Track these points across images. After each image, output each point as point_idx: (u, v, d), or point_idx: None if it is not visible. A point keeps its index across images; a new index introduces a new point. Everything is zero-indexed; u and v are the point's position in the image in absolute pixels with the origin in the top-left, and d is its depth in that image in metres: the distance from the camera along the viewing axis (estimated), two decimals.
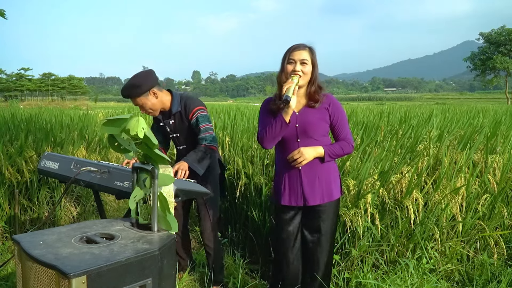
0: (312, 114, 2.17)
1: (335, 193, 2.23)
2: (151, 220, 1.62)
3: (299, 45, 2.16)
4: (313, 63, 2.16)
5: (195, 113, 2.60)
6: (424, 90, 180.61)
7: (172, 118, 2.67)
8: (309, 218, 2.23)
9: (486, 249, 2.96)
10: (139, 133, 1.43)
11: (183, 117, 2.65)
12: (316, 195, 2.18)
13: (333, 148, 2.16)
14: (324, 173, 2.19)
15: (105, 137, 5.22)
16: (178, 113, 2.65)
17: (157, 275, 1.43)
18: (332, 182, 2.22)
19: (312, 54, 2.16)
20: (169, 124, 2.70)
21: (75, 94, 63.56)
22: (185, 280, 2.81)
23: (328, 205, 2.20)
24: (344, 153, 2.21)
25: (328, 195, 2.19)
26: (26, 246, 1.39)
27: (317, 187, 2.18)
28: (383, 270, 2.77)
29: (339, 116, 2.21)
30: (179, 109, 2.64)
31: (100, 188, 2.25)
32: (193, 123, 2.61)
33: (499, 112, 9.85)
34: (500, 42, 44.36)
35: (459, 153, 3.61)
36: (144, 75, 2.53)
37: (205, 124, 2.59)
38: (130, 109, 16.00)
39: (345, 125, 2.23)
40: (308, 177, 2.17)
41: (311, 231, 2.24)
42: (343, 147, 2.18)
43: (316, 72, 2.17)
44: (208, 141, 2.55)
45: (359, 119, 6.85)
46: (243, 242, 3.54)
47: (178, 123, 2.68)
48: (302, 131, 2.15)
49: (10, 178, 3.60)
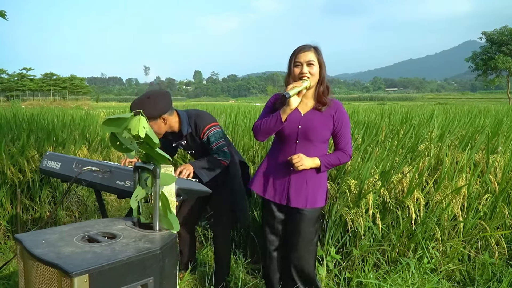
0: (317, 118, 2.16)
1: (320, 201, 2.22)
2: (152, 219, 1.62)
3: (304, 47, 2.14)
4: (320, 63, 2.15)
5: (205, 132, 2.55)
6: (425, 90, 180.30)
7: (184, 139, 2.62)
8: (291, 219, 2.25)
9: (487, 249, 2.96)
10: (140, 132, 1.44)
11: (195, 136, 2.59)
12: (300, 198, 2.18)
13: (330, 159, 2.18)
14: (314, 180, 2.19)
15: (106, 137, 5.23)
16: (189, 134, 2.59)
17: (158, 274, 1.44)
18: (319, 190, 2.22)
19: (318, 54, 2.15)
20: (182, 145, 2.67)
21: (77, 94, 63.61)
22: (187, 279, 2.82)
23: (310, 211, 2.20)
24: (340, 163, 2.23)
25: (312, 201, 2.19)
26: (28, 245, 1.39)
27: (303, 191, 2.18)
28: (384, 270, 2.77)
29: (343, 124, 2.20)
30: (189, 130, 2.57)
31: (101, 187, 2.26)
32: (205, 141, 2.57)
33: (501, 112, 9.83)
34: (502, 42, 44.27)
35: (461, 153, 3.60)
36: (160, 99, 2.39)
37: (216, 142, 2.55)
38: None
39: (347, 135, 2.22)
40: (297, 180, 2.18)
41: (291, 232, 2.25)
42: (340, 158, 2.20)
43: (323, 72, 2.16)
44: (220, 156, 2.54)
45: (360, 119, 6.85)
46: (244, 242, 3.54)
47: (191, 142, 2.64)
48: (303, 133, 2.15)
49: (12, 178, 3.61)
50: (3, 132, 4.28)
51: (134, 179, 1.69)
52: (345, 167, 3.16)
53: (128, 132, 1.48)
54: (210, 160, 2.52)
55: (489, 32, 45.62)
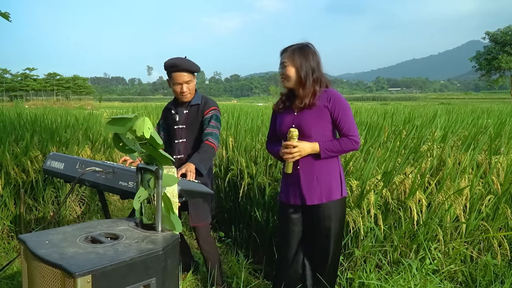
0: (309, 114, 2.11)
1: (336, 193, 2.13)
2: (155, 220, 1.63)
3: (285, 47, 2.15)
4: (296, 66, 2.09)
5: (212, 110, 2.69)
6: (428, 90, 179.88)
7: (188, 109, 2.73)
8: (310, 218, 2.19)
9: (489, 250, 2.96)
10: (145, 133, 1.44)
11: (199, 111, 2.71)
12: (314, 194, 2.11)
13: (331, 144, 2.08)
14: (324, 173, 2.12)
15: (109, 137, 5.25)
16: (195, 106, 2.72)
17: (161, 274, 1.44)
18: (332, 182, 2.13)
19: (294, 55, 2.09)
20: (181, 114, 2.74)
21: (80, 94, 63.79)
22: (189, 280, 2.83)
23: (329, 205, 2.11)
24: (344, 150, 2.10)
25: (327, 195, 2.11)
26: (31, 246, 1.40)
27: (315, 187, 2.11)
28: (386, 271, 2.77)
29: (340, 110, 2.09)
30: (199, 102, 2.73)
31: (104, 188, 2.27)
32: (207, 118, 2.67)
33: (504, 112, 9.81)
34: (505, 42, 44.14)
35: (463, 154, 3.60)
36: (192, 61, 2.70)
37: (216, 123, 2.68)
38: (134, 109, 16.07)
39: (348, 120, 2.10)
40: (306, 176, 2.12)
41: (312, 231, 2.20)
42: (343, 144, 2.08)
43: (301, 74, 2.08)
44: (212, 137, 2.60)
45: (363, 119, 6.84)
46: (246, 242, 3.55)
47: (191, 115, 2.72)
48: (299, 130, 2.11)
49: (15, 178, 3.63)
50: (6, 132, 4.30)
51: (137, 180, 1.70)
52: (347, 167, 3.16)
53: (132, 132, 1.49)
54: (203, 151, 2.54)
55: (492, 32, 45.50)
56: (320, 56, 2.16)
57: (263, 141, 4.27)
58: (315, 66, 2.11)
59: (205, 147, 2.55)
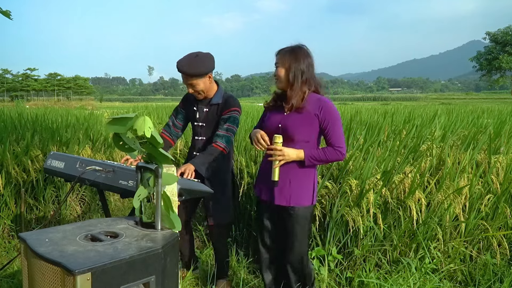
0: (297, 118, 2.13)
1: (305, 199, 2.16)
2: (154, 218, 1.64)
3: (279, 49, 2.16)
4: (285, 67, 2.11)
5: (231, 111, 2.61)
6: (429, 90, 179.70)
7: (208, 107, 2.66)
8: (279, 217, 2.25)
9: (489, 249, 2.96)
10: (146, 132, 1.45)
11: (219, 111, 2.64)
12: (283, 196, 2.16)
13: (315, 153, 2.10)
14: (298, 179, 2.15)
15: (110, 137, 5.26)
16: (216, 105, 2.65)
17: (160, 272, 1.45)
18: (304, 189, 2.16)
19: (284, 57, 2.11)
20: (202, 111, 2.68)
21: (81, 94, 63.87)
22: (189, 278, 2.83)
23: (298, 209, 2.16)
24: (328, 159, 2.12)
25: (296, 199, 2.15)
26: (32, 244, 1.41)
27: (286, 190, 2.16)
28: (386, 270, 2.78)
29: (330, 121, 2.11)
30: (219, 102, 2.65)
31: (105, 187, 2.28)
32: (223, 118, 2.60)
33: (504, 112, 9.81)
34: (506, 42, 44.14)
35: (463, 153, 3.60)
36: (207, 57, 2.55)
37: (232, 125, 2.59)
38: (135, 109, 16.07)
39: (336, 131, 2.12)
40: (281, 177, 2.14)
41: (280, 230, 2.26)
42: (328, 154, 2.10)
43: (291, 75, 2.10)
44: (223, 140, 2.54)
45: (363, 119, 6.85)
46: (246, 241, 3.55)
47: (211, 114, 2.67)
48: (283, 132, 2.13)
49: (16, 177, 3.64)
50: (7, 132, 4.31)
51: (137, 178, 1.71)
52: (347, 167, 3.16)
53: (132, 132, 1.50)
54: (209, 153, 2.51)
55: (493, 32, 45.49)
56: (313, 58, 2.17)
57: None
58: (305, 68, 2.12)
59: (210, 150, 2.52)
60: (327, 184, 3.01)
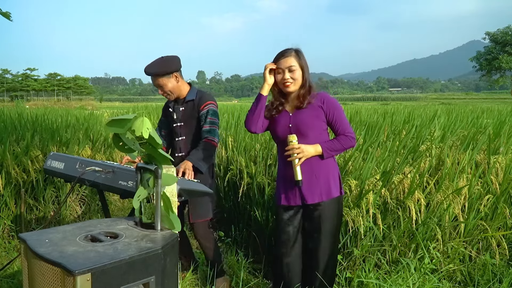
0: (305, 113, 2.17)
1: (334, 191, 2.20)
2: (154, 219, 1.64)
3: (284, 52, 2.16)
4: (302, 67, 2.15)
5: (208, 105, 2.67)
6: (429, 90, 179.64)
7: (184, 106, 2.72)
8: (309, 217, 2.22)
9: (488, 249, 2.97)
10: (144, 133, 1.46)
11: (195, 107, 2.69)
12: (315, 193, 2.17)
13: (332, 144, 2.15)
14: (322, 171, 2.17)
15: (110, 137, 5.26)
16: (191, 102, 2.71)
17: (160, 273, 1.46)
18: (330, 180, 2.20)
19: (299, 57, 2.16)
20: (178, 111, 2.74)
21: (81, 94, 63.89)
22: (188, 279, 2.84)
23: (327, 203, 2.17)
24: (344, 148, 2.18)
25: (326, 193, 2.17)
26: (32, 244, 1.42)
27: (315, 185, 2.17)
28: (385, 270, 2.78)
29: (335, 111, 2.18)
30: (193, 98, 2.70)
31: (104, 187, 2.28)
32: (203, 114, 2.66)
33: (504, 112, 9.81)
34: (506, 42, 44.16)
35: (462, 154, 3.61)
36: (171, 58, 2.64)
37: (212, 117, 2.65)
38: (135, 109, 16.08)
39: (343, 119, 2.19)
40: (306, 175, 2.15)
41: (311, 231, 2.22)
42: (343, 142, 2.16)
43: (306, 74, 2.17)
44: (211, 134, 2.60)
45: (362, 119, 6.85)
46: (246, 242, 3.56)
47: (187, 112, 2.72)
48: (295, 130, 2.16)
49: (16, 178, 3.64)
50: (7, 132, 4.32)
51: (137, 179, 1.72)
52: (346, 167, 3.17)
53: (131, 132, 1.50)
54: (202, 149, 2.55)
55: (492, 32, 45.51)
56: None
57: (263, 141, 4.28)
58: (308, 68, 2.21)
59: (203, 145, 2.57)
60: None
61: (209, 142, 2.58)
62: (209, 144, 2.57)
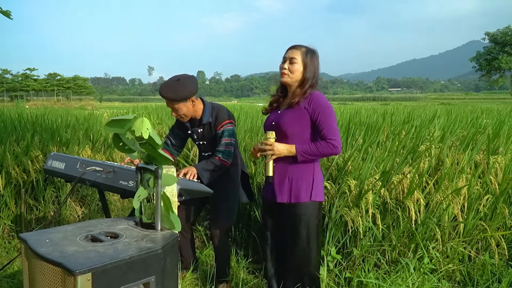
0: (290, 112, 2.14)
1: (304, 196, 2.12)
2: (154, 219, 1.65)
3: (296, 45, 2.18)
4: (305, 64, 2.13)
5: (223, 125, 2.63)
6: (429, 90, 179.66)
7: (201, 127, 2.70)
8: (281, 216, 2.22)
9: (487, 249, 2.97)
10: (144, 133, 1.46)
11: (212, 127, 2.67)
12: (284, 193, 2.16)
13: (308, 148, 2.06)
14: (295, 175, 2.14)
15: (110, 137, 5.26)
16: (208, 124, 2.67)
17: (160, 273, 1.46)
18: (302, 184, 2.13)
19: (306, 55, 2.14)
20: (197, 133, 2.73)
21: (80, 94, 63.90)
22: (188, 279, 2.84)
23: (300, 206, 2.13)
24: (322, 154, 2.06)
25: (295, 196, 2.13)
26: (32, 244, 1.42)
27: (285, 186, 2.16)
28: (385, 270, 2.79)
29: (320, 112, 2.08)
30: (210, 120, 2.65)
31: (105, 187, 2.29)
32: (218, 133, 2.64)
33: (503, 112, 9.82)
34: (505, 42, 44.17)
35: (461, 154, 3.62)
36: (187, 81, 2.54)
37: (228, 139, 2.62)
38: (134, 110, 16.07)
39: (328, 122, 2.07)
40: (278, 175, 2.16)
41: (282, 231, 2.22)
42: (320, 147, 2.04)
43: (306, 74, 2.14)
44: (223, 155, 2.59)
45: (362, 119, 6.85)
46: (246, 242, 3.56)
47: (206, 132, 2.70)
48: (276, 128, 2.15)
49: (16, 178, 3.64)
50: (7, 132, 4.32)
51: (137, 179, 1.72)
52: (345, 167, 3.17)
53: (131, 133, 1.51)
54: (212, 162, 2.57)
55: (492, 33, 45.51)
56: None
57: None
58: (316, 72, 2.18)
59: (216, 161, 2.58)
60: (326, 185, 3.02)
61: (222, 162, 2.59)
62: (218, 161, 2.58)
